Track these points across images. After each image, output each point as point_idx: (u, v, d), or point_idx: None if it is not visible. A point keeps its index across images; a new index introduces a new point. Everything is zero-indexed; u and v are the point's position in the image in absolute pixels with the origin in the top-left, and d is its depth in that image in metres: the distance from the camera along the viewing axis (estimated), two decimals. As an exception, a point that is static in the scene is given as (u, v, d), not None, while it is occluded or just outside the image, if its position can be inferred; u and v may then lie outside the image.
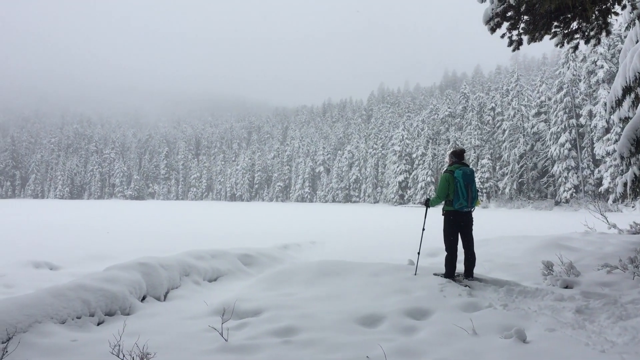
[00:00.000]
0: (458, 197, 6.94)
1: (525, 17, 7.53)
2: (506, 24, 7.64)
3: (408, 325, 5.32)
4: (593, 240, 11.20)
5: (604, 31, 7.96)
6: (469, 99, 68.64)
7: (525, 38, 7.89)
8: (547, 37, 8.09)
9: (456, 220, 7.08)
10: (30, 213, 39.38)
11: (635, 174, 9.03)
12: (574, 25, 7.96)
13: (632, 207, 34.46)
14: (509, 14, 7.43)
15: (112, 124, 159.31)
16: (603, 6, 7.53)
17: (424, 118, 76.41)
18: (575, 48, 8.41)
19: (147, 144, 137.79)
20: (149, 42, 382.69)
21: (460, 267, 7.27)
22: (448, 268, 7.11)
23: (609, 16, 7.72)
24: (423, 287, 6.57)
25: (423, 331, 5.10)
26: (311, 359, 4.45)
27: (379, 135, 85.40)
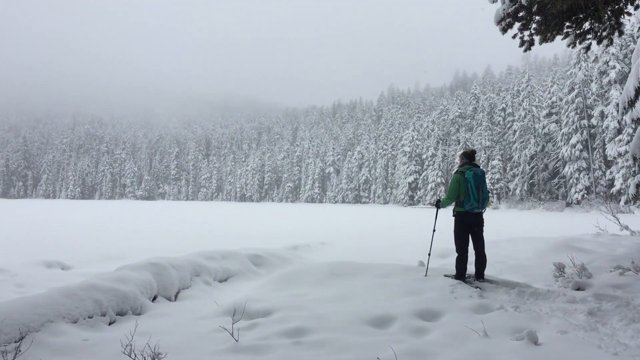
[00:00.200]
0: (469, 198, 6.91)
1: (536, 18, 7.50)
2: (518, 25, 7.62)
3: (418, 326, 5.31)
4: (605, 242, 11.12)
5: (617, 31, 7.91)
6: (480, 100, 68.36)
7: (536, 38, 7.86)
8: (559, 38, 8.05)
9: (467, 221, 7.05)
10: (42, 213, 39.68)
11: (648, 175, 8.95)
12: (586, 25, 7.91)
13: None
14: (521, 15, 7.40)
15: (123, 125, 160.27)
16: (615, 6, 7.48)
17: (434, 119, 76.23)
18: (587, 48, 8.36)
19: (158, 145, 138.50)
20: (160, 43, 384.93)
21: (470, 269, 7.25)
22: (459, 269, 7.08)
23: (622, 16, 7.67)
24: (433, 289, 6.55)
25: (434, 333, 5.08)
26: (322, 360, 4.45)
27: (389, 136, 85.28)
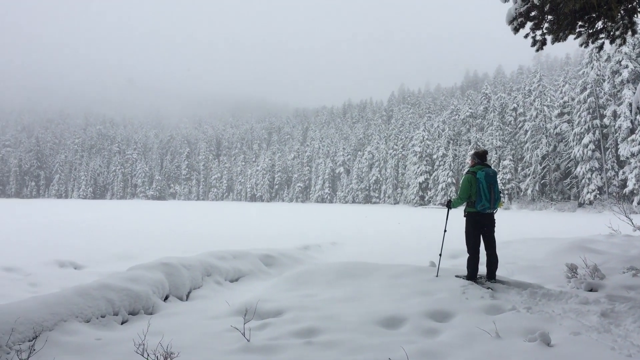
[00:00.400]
0: (480, 199, 6.88)
1: (549, 17, 7.46)
2: (530, 24, 7.58)
3: (430, 327, 5.30)
4: (618, 242, 11.04)
5: (630, 30, 7.86)
6: (491, 100, 68.00)
7: (549, 38, 7.81)
8: (572, 37, 8.00)
9: (478, 221, 7.02)
10: (54, 213, 39.99)
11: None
12: (599, 24, 7.86)
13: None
14: (533, 14, 7.36)
15: (135, 125, 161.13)
16: (629, 5, 7.42)
17: (445, 119, 75.91)
18: (600, 48, 8.31)
19: (169, 145, 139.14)
20: (171, 45, 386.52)
21: (482, 269, 7.22)
22: (470, 270, 7.05)
23: (635, 15, 7.62)
24: (445, 289, 6.53)
25: (445, 333, 5.07)
26: (333, 360, 4.46)
27: (399, 136, 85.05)
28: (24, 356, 4.42)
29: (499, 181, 56.14)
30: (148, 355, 4.26)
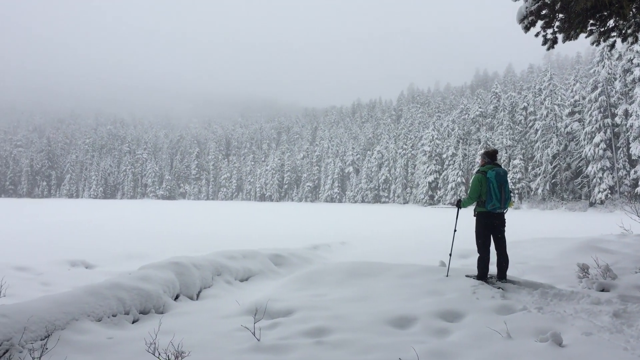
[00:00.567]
0: (491, 198, 6.85)
1: (560, 15, 7.42)
2: (540, 23, 7.54)
3: (440, 327, 5.28)
4: (630, 242, 10.96)
5: (642, 29, 7.79)
6: (501, 99, 67.69)
7: (560, 36, 7.77)
8: (583, 36, 7.94)
9: (488, 221, 6.99)
10: (65, 213, 40.27)
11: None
12: (611, 23, 7.81)
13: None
14: (544, 12, 7.32)
15: (145, 125, 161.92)
16: (641, 3, 7.36)
17: (455, 118, 75.62)
18: (611, 46, 8.25)
19: (179, 145, 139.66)
20: (181, 45, 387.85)
21: (492, 269, 7.18)
22: (480, 270, 7.03)
23: (647, 13, 7.55)
24: (455, 289, 6.51)
25: (456, 333, 5.05)
26: (343, 360, 4.46)
27: (409, 135, 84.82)
28: (37, 355, 4.46)
29: (509, 181, 55.96)
30: (159, 354, 4.28)
